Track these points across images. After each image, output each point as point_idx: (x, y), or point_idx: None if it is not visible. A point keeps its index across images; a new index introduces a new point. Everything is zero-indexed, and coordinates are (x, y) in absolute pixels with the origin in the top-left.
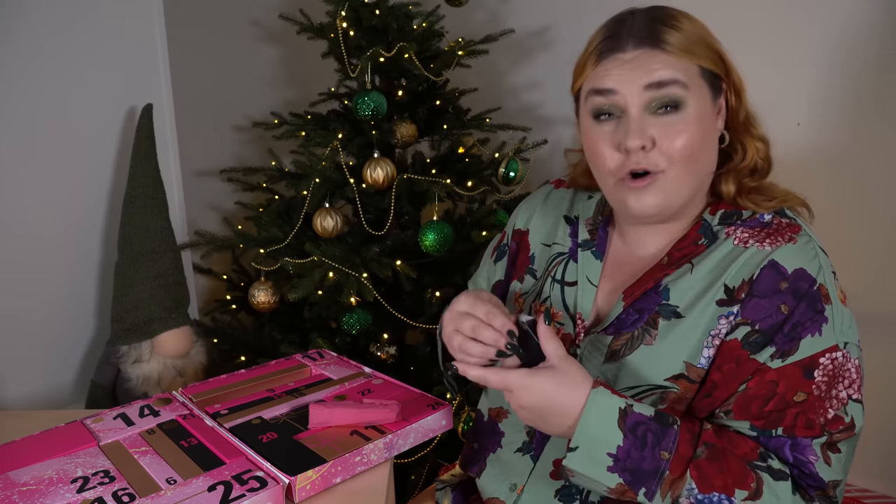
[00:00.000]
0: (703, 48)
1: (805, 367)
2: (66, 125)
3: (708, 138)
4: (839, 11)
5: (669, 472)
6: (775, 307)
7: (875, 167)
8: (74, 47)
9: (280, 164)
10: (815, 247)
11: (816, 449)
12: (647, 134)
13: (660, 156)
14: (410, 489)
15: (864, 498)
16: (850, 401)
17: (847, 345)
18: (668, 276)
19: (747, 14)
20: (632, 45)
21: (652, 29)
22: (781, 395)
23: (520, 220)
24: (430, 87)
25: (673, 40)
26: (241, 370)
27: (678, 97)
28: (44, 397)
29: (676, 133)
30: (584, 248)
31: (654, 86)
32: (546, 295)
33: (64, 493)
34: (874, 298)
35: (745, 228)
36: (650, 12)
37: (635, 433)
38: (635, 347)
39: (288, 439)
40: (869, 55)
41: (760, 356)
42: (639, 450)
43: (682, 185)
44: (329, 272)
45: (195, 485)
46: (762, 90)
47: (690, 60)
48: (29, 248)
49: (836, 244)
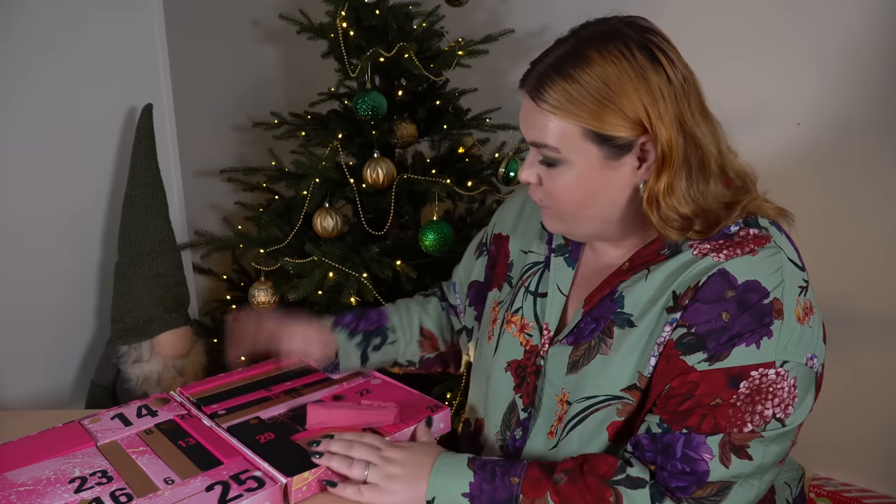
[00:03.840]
0: (594, 106)
1: (731, 376)
2: (67, 125)
3: (599, 193)
4: (840, 12)
5: (523, 494)
6: (716, 314)
7: (875, 167)
8: (75, 47)
9: (280, 164)
10: (780, 260)
11: (713, 446)
12: (533, 172)
13: (542, 194)
14: None
15: (864, 498)
16: (774, 419)
17: (786, 364)
18: (624, 282)
19: (748, 16)
20: (529, 88)
21: (543, 79)
22: (698, 398)
23: (500, 225)
24: (430, 87)
25: (553, 99)
26: (240, 369)
27: (552, 158)
28: (44, 397)
29: (553, 184)
30: (558, 253)
31: (533, 143)
32: (518, 305)
33: (62, 494)
34: (873, 299)
35: (710, 241)
36: (566, 46)
37: (483, 469)
38: (592, 357)
39: (285, 440)
40: (869, 55)
41: (690, 359)
42: (489, 482)
43: (577, 223)
44: (329, 272)
45: (193, 485)
46: (762, 90)
47: (569, 120)
48: (29, 248)
49: (835, 245)
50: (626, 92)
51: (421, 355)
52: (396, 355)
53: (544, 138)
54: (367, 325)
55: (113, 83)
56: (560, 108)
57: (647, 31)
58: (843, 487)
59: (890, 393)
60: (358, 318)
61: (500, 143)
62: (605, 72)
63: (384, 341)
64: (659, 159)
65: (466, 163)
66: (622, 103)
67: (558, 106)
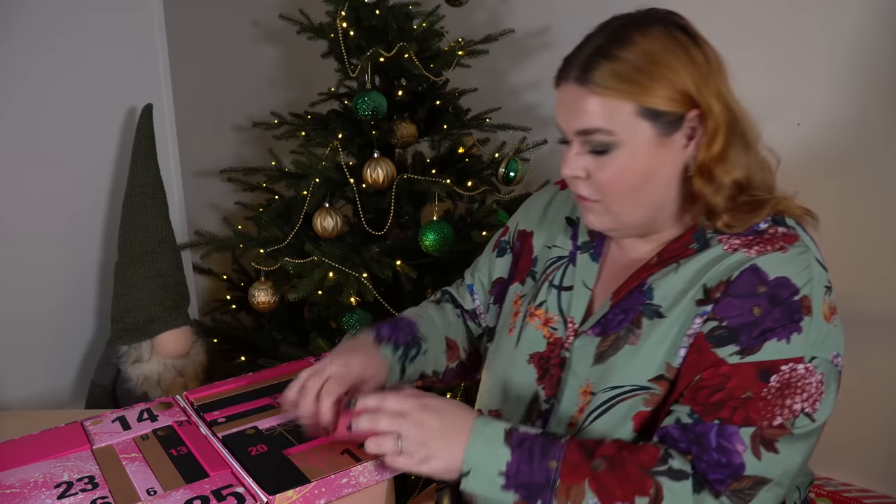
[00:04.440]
0: (645, 81)
1: (762, 370)
2: (67, 125)
3: (654, 174)
4: (840, 11)
5: (561, 479)
6: (748, 308)
7: (875, 167)
8: (75, 47)
9: (280, 164)
10: (809, 258)
11: (745, 438)
12: (579, 166)
13: (592, 188)
14: (410, 489)
15: (864, 498)
16: (802, 414)
17: (815, 359)
18: (653, 275)
19: (748, 13)
20: (572, 79)
21: (588, 63)
22: (729, 390)
23: (524, 221)
24: (430, 87)
25: (602, 79)
26: (248, 373)
27: (605, 143)
28: (44, 397)
29: (606, 171)
30: (583, 250)
31: (582, 132)
32: (542, 299)
33: (44, 500)
34: (876, 300)
35: (740, 237)
36: (603, 35)
37: (521, 448)
38: (620, 347)
39: (277, 453)
40: (869, 55)
41: (721, 351)
42: (527, 463)
43: (626, 213)
44: (329, 272)
45: (173, 498)
46: (762, 90)
47: (623, 99)
48: (29, 248)
49: (837, 245)
50: (673, 66)
51: (446, 365)
52: (426, 367)
53: (596, 122)
54: (403, 336)
55: (113, 83)
56: (611, 87)
57: (678, 17)
58: (843, 487)
59: (891, 394)
60: (393, 329)
61: (500, 143)
62: (651, 48)
63: (418, 352)
64: (710, 131)
65: (466, 163)
66: (671, 77)
67: (609, 85)
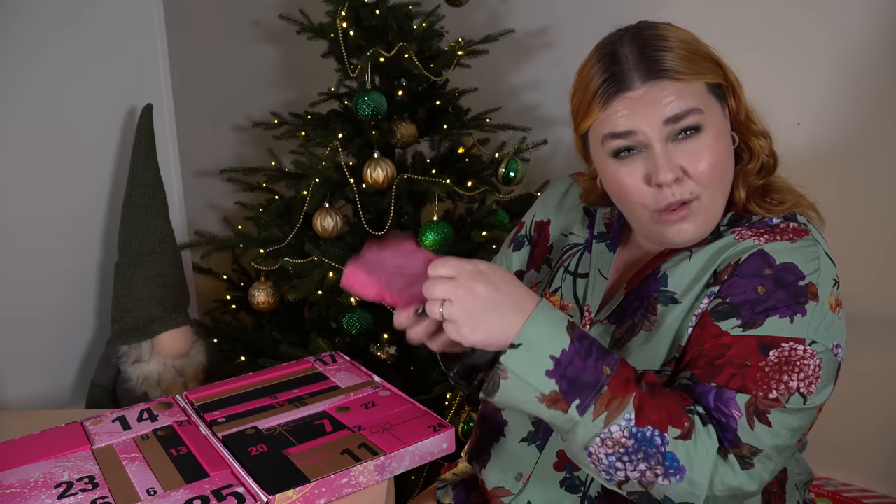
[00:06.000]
0: (701, 60)
1: (763, 343)
2: (67, 126)
3: (729, 150)
4: (841, 10)
5: (608, 388)
6: (752, 287)
7: (875, 167)
8: (75, 48)
9: (280, 164)
10: (818, 251)
11: (741, 404)
12: (675, 164)
13: (693, 183)
14: (411, 488)
15: (864, 498)
16: (798, 393)
17: (815, 344)
18: (666, 262)
19: (748, 12)
20: (638, 81)
21: (650, 59)
22: (729, 357)
23: (541, 212)
24: (430, 87)
25: (675, 65)
26: (248, 373)
27: (697, 123)
28: (44, 397)
29: (702, 157)
30: (600, 240)
31: (672, 119)
32: (557, 285)
33: (44, 500)
34: (875, 300)
35: (752, 228)
36: (637, 39)
37: (581, 342)
38: (636, 333)
39: (277, 453)
40: (870, 54)
41: (723, 324)
42: (582, 358)
43: (717, 204)
44: (329, 272)
45: (173, 498)
46: (763, 89)
47: (696, 80)
48: (29, 249)
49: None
50: (701, 42)
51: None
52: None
53: (688, 104)
54: None
55: (113, 83)
56: (682, 70)
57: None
58: (842, 487)
59: (891, 393)
60: None
61: (500, 143)
62: (681, 34)
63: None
64: (736, 94)
65: (466, 163)
66: (707, 51)
67: (680, 69)
